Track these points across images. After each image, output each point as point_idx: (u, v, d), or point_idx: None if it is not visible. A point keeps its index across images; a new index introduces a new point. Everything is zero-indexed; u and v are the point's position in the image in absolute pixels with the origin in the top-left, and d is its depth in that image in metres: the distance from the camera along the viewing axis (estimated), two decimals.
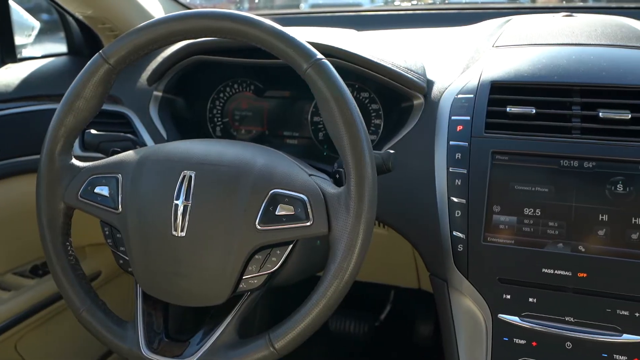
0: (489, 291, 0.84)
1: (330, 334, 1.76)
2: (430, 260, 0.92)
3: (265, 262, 0.76)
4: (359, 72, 0.99)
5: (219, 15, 0.77)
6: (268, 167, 0.77)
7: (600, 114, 0.85)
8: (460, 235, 0.86)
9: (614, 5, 1.46)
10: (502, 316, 0.84)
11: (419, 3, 1.60)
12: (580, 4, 1.53)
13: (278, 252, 0.76)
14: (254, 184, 0.75)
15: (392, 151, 0.82)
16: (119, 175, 0.81)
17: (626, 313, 0.79)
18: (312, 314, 0.72)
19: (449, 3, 1.61)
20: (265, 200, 0.74)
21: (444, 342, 0.91)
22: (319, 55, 0.74)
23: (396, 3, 1.72)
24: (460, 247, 0.86)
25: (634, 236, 0.80)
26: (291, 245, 0.76)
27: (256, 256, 0.76)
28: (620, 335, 0.79)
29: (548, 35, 1.05)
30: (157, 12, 1.35)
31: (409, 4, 1.55)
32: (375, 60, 0.97)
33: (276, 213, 0.74)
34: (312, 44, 0.77)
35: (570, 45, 1.00)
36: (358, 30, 1.25)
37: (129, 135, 0.96)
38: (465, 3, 1.61)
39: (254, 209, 0.74)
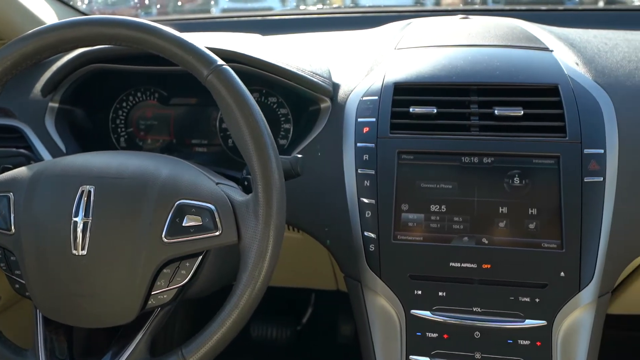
0: (401, 288, 0.86)
1: (252, 341, 1.74)
2: (344, 262, 0.93)
3: (175, 275, 0.74)
4: (265, 77, 0.99)
5: (113, 22, 0.74)
6: (173, 178, 0.75)
7: (495, 111, 0.90)
8: (371, 235, 0.88)
9: (507, 7, 1.54)
10: (414, 312, 0.86)
11: (325, 7, 1.62)
12: (477, 7, 1.61)
13: (187, 264, 0.74)
14: (159, 196, 0.73)
15: (299, 155, 0.82)
16: (10, 194, 0.76)
17: (527, 299, 0.83)
18: (225, 325, 0.71)
19: (353, 7, 1.64)
20: (171, 212, 0.72)
21: (360, 341, 0.92)
22: (220, 62, 0.73)
23: (302, 7, 1.73)
24: (371, 247, 0.87)
25: (532, 226, 0.85)
26: (201, 257, 0.75)
27: (164, 270, 0.73)
28: (524, 321, 0.83)
29: (446, 37, 1.10)
30: (49, 18, 1.27)
31: (315, 8, 1.57)
32: (280, 64, 0.97)
33: (183, 224, 0.72)
34: (214, 49, 0.76)
35: (467, 46, 1.04)
36: (265, 34, 1.25)
37: (22, 150, 0.90)
38: (369, 6, 1.65)
39: (160, 221, 0.72)
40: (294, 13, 1.50)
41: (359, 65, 1.06)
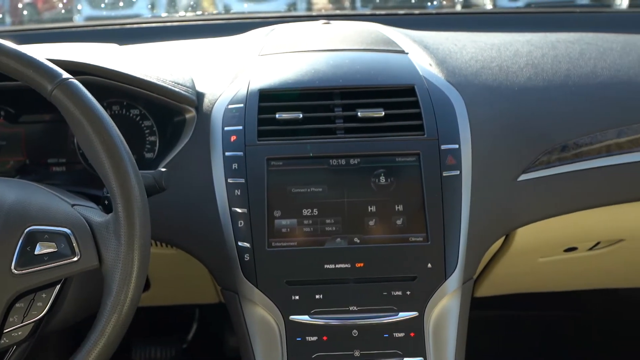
0: (278, 295, 0.86)
1: None
2: (219, 274, 0.91)
3: (30, 309, 0.68)
4: (125, 89, 0.94)
5: None
6: (21, 202, 0.69)
7: (359, 113, 0.92)
8: (245, 244, 0.87)
9: (367, 12, 1.61)
10: (293, 317, 0.86)
11: (188, 15, 1.58)
12: (338, 12, 1.66)
13: (44, 295, 0.68)
14: (5, 223, 0.67)
15: (163, 169, 0.79)
16: None
17: (399, 293, 0.86)
18: (92, 355, 0.66)
19: (216, 14, 1.61)
20: (20, 240, 0.66)
21: (241, 353, 0.91)
22: (65, 75, 0.68)
23: (164, 15, 1.68)
24: (246, 257, 0.86)
25: (399, 222, 0.88)
26: (59, 286, 0.69)
27: (17, 304, 0.67)
28: (397, 314, 0.86)
29: (309, 42, 1.11)
30: None
31: (178, 15, 1.52)
32: (136, 75, 0.93)
33: (35, 252, 0.66)
34: (62, 62, 0.71)
35: (329, 51, 1.06)
36: (127, 43, 1.19)
37: None
38: (233, 13, 1.64)
39: (8, 251, 0.66)
40: (155, 21, 1.45)
41: (223, 73, 1.04)
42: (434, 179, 0.89)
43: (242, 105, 0.93)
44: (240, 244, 0.87)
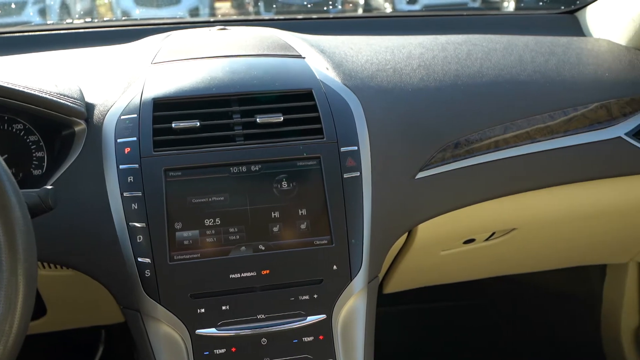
0: (183, 310, 0.83)
1: None
2: (119, 293, 0.87)
3: None
4: (4, 103, 0.88)
5: None
6: None
7: (257, 119, 0.92)
8: (145, 260, 0.83)
9: (266, 17, 1.60)
10: (199, 331, 0.84)
11: (75, 22, 1.50)
12: (234, 17, 1.64)
13: None
14: None
15: (49, 187, 0.74)
16: None
17: (307, 297, 0.87)
18: None
19: (107, 20, 1.54)
20: None
21: None
22: None
23: (50, 22, 1.58)
24: (147, 273, 0.83)
25: (303, 226, 0.88)
26: None
27: None
28: (305, 319, 0.86)
29: (205, 48, 1.09)
30: None
31: (65, 23, 1.44)
32: (17, 88, 0.87)
33: None
34: None
35: (225, 57, 1.05)
36: (5, 54, 1.11)
37: None
38: (125, 19, 1.57)
39: None
40: (40, 29, 1.36)
41: (115, 83, 1.00)
42: (335, 181, 0.90)
43: (135, 115, 0.90)
44: (140, 259, 0.83)
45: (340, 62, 1.09)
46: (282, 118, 0.92)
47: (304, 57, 1.07)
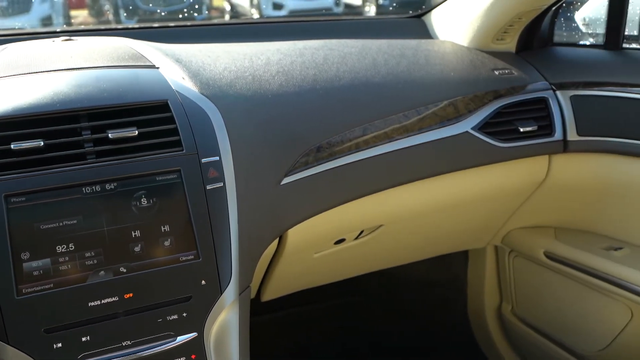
0: (36, 348, 0.76)
1: None
2: None
3: None
4: None
5: None
6: None
7: (109, 135, 0.86)
8: None
9: (119, 27, 1.52)
10: None
11: None
12: (82, 27, 1.54)
13: None
14: None
15: None
16: None
17: (176, 317, 0.83)
18: None
19: None
20: None
21: None
22: None
23: None
24: None
25: (167, 243, 0.85)
26: None
27: None
28: (175, 339, 0.83)
29: (47, 61, 1.01)
30: None
31: None
32: None
33: None
34: None
35: (71, 70, 0.98)
36: None
37: None
38: None
39: None
40: None
41: None
42: (198, 193, 0.87)
43: None
44: None
45: (197, 71, 1.07)
46: (136, 132, 0.88)
47: (157, 67, 1.03)
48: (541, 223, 1.56)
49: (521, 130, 1.28)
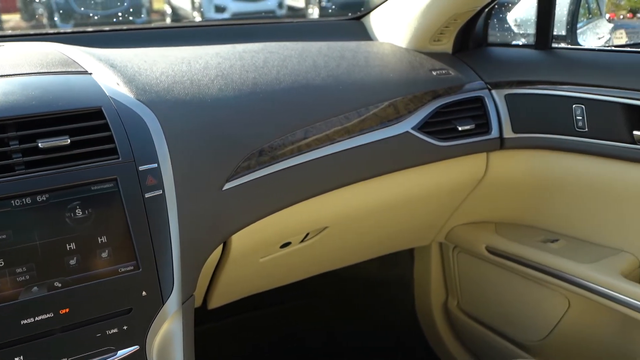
0: None
1: None
2: None
3: None
4: None
5: None
6: None
7: (40, 144, 0.83)
8: None
9: (51, 31, 1.46)
10: None
11: None
12: (10, 33, 1.48)
13: None
14: None
15: None
16: None
17: (116, 330, 0.81)
18: None
19: None
20: None
21: None
22: None
23: None
24: None
25: (105, 254, 0.82)
26: None
27: None
28: (116, 354, 0.80)
29: None
30: None
31: None
32: None
33: None
34: None
35: None
36: None
37: None
38: None
39: None
40: None
41: None
42: (136, 202, 0.85)
43: None
44: None
45: (133, 76, 1.04)
46: (69, 141, 0.85)
47: (90, 73, 0.99)
48: (482, 219, 1.61)
49: (459, 129, 1.31)
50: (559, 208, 1.41)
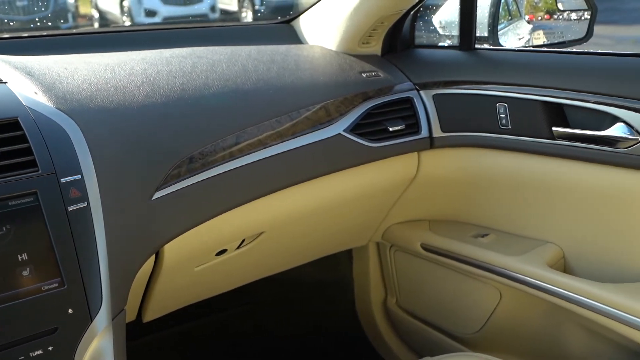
0: None
1: None
2: None
3: None
4: None
5: None
6: None
7: None
8: None
9: None
10: None
11: None
12: None
13: None
14: None
15: None
16: None
17: (40, 352, 0.77)
18: None
19: None
20: None
21: None
22: None
23: None
24: None
25: (26, 272, 0.78)
26: None
27: None
28: None
29: None
30: None
31: None
32: None
33: None
34: None
35: None
36: None
37: None
38: None
39: None
40: None
41: None
42: (59, 216, 0.81)
43: None
44: None
45: (52, 84, 0.99)
46: None
47: (5, 82, 0.94)
48: (417, 217, 1.64)
49: (390, 129, 1.33)
50: (488, 203, 1.46)
